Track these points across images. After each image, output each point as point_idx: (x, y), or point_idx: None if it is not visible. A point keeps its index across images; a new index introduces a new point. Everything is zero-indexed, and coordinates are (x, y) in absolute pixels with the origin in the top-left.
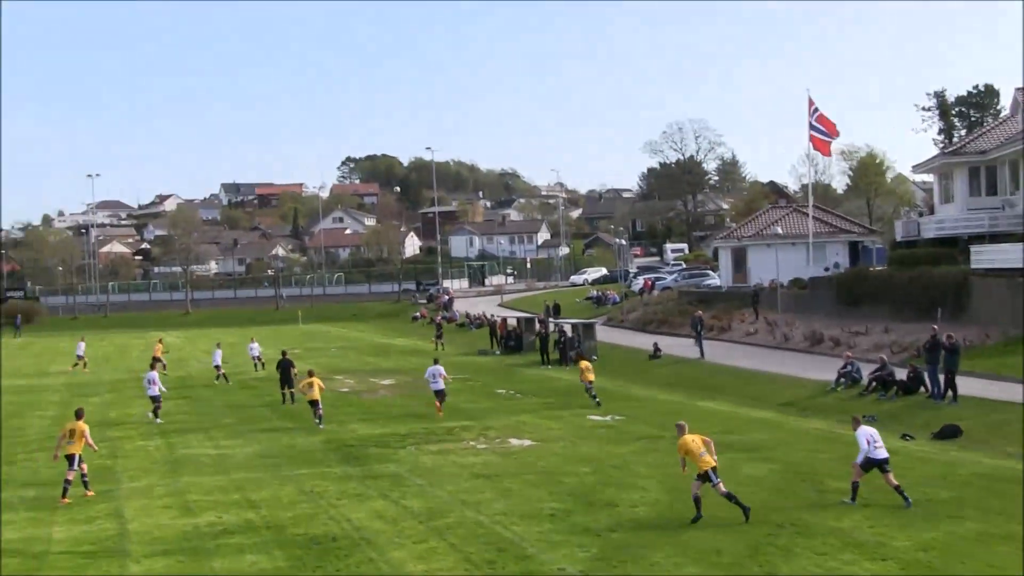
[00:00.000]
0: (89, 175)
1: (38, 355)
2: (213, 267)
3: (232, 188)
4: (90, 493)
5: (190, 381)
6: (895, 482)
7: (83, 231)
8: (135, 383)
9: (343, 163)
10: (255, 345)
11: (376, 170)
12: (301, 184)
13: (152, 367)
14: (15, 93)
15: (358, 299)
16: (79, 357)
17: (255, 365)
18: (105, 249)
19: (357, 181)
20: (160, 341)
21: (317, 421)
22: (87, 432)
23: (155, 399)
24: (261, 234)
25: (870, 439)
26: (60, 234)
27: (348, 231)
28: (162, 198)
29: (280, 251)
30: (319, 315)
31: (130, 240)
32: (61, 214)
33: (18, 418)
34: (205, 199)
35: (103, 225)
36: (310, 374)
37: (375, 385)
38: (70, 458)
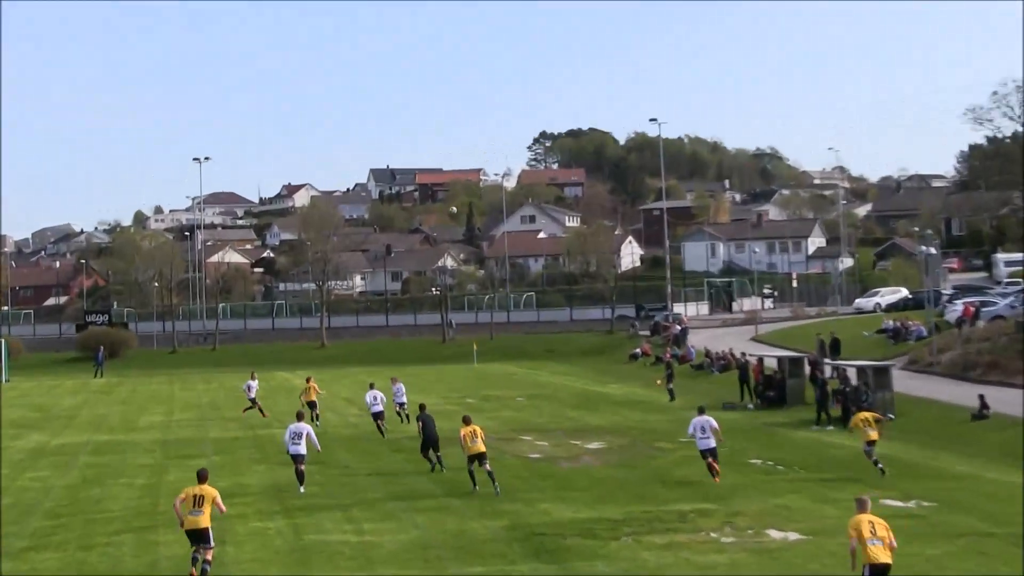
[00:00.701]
0: (196, 159)
1: (126, 401)
2: (358, 283)
3: (384, 176)
4: None
5: (324, 438)
6: None
7: (187, 234)
8: (251, 441)
9: (536, 141)
10: (400, 387)
11: (581, 151)
12: (478, 171)
13: (299, 417)
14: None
15: (555, 329)
16: (252, 401)
17: (400, 416)
18: (215, 258)
19: (555, 166)
20: (310, 380)
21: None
22: (218, 498)
23: (300, 460)
24: (423, 238)
25: None
26: (157, 237)
27: (542, 234)
28: (291, 189)
29: (449, 262)
30: (501, 350)
31: (248, 246)
32: (159, 211)
33: (98, 486)
34: (349, 191)
35: (213, 226)
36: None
37: (578, 450)
38: (196, 535)
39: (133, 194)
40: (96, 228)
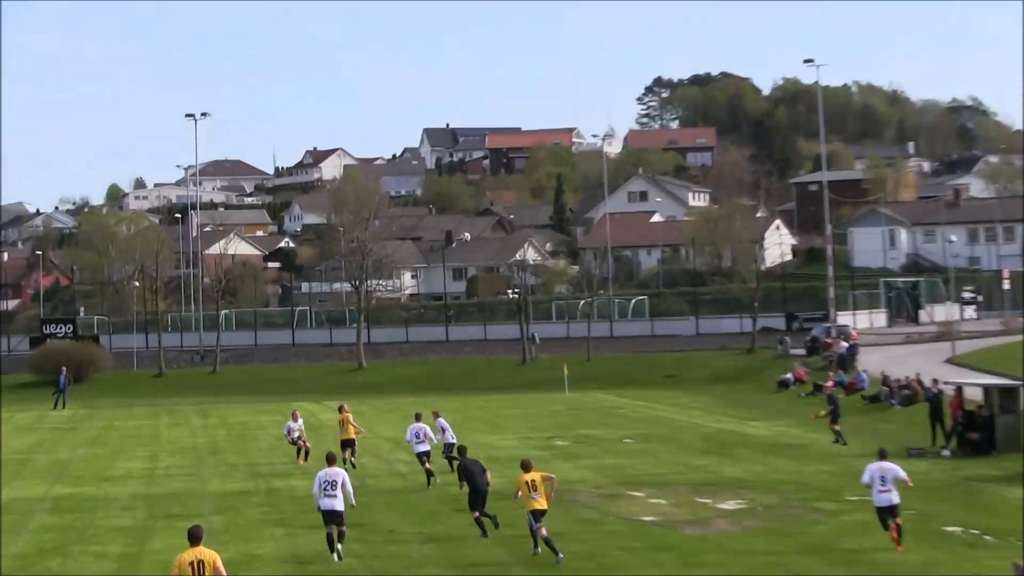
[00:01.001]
0: (191, 115)
1: (96, 441)
2: (408, 284)
3: (443, 138)
4: None
5: (363, 492)
6: None
7: (178, 216)
8: (263, 496)
9: (648, 91)
10: (443, 423)
11: (710, 104)
12: (570, 131)
13: (331, 460)
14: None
15: (676, 346)
16: (297, 442)
17: (451, 463)
18: (215, 248)
19: (674, 124)
20: (342, 410)
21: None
22: (219, 563)
23: (335, 518)
24: (496, 222)
25: None
26: (138, 220)
27: (656, 217)
28: (317, 156)
29: (531, 254)
30: (602, 375)
31: (260, 233)
32: (140, 185)
33: (58, 556)
34: (395, 158)
35: (213, 205)
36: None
37: (708, 511)
38: None
39: (106, 162)
40: (56, 208)
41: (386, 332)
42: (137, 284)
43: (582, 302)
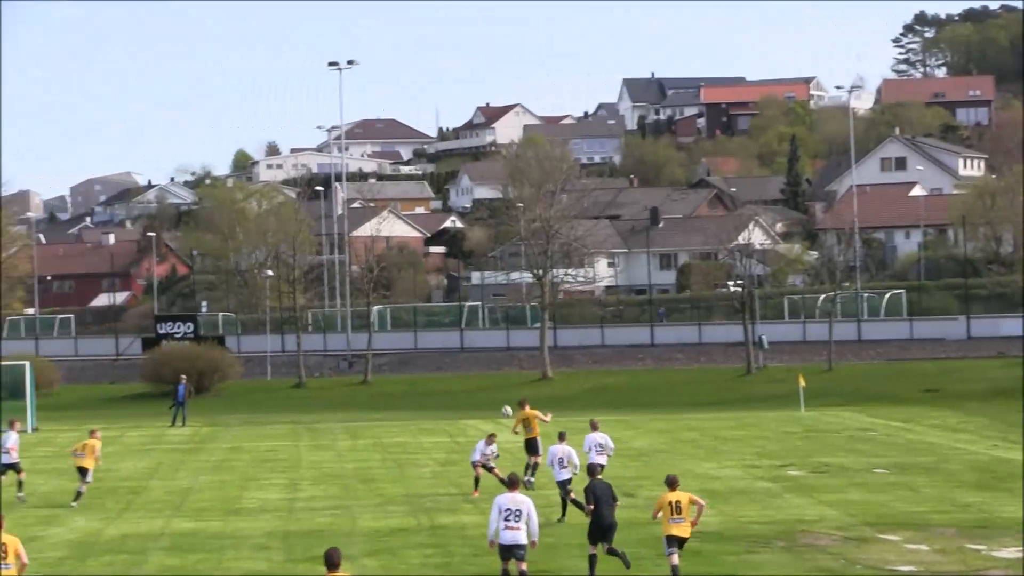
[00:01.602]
0: (334, 64)
1: (223, 466)
2: (604, 273)
3: (647, 91)
4: None
5: (546, 529)
6: None
7: (320, 189)
8: (426, 534)
9: (907, 31)
10: (595, 438)
11: (984, 44)
12: (808, 80)
13: (513, 484)
14: None
15: (940, 352)
16: (487, 469)
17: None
18: (365, 229)
19: (940, 72)
20: (525, 404)
21: None
22: None
23: (516, 553)
24: (713, 195)
25: None
26: (271, 195)
27: (917, 190)
28: (491, 114)
29: (758, 237)
30: (846, 388)
31: (420, 209)
32: (274, 151)
33: None
34: (587, 116)
35: (362, 176)
36: None
37: (982, 560)
38: None
39: (231, 125)
40: (172, 180)
41: (576, 334)
42: (270, 273)
43: (822, 297)
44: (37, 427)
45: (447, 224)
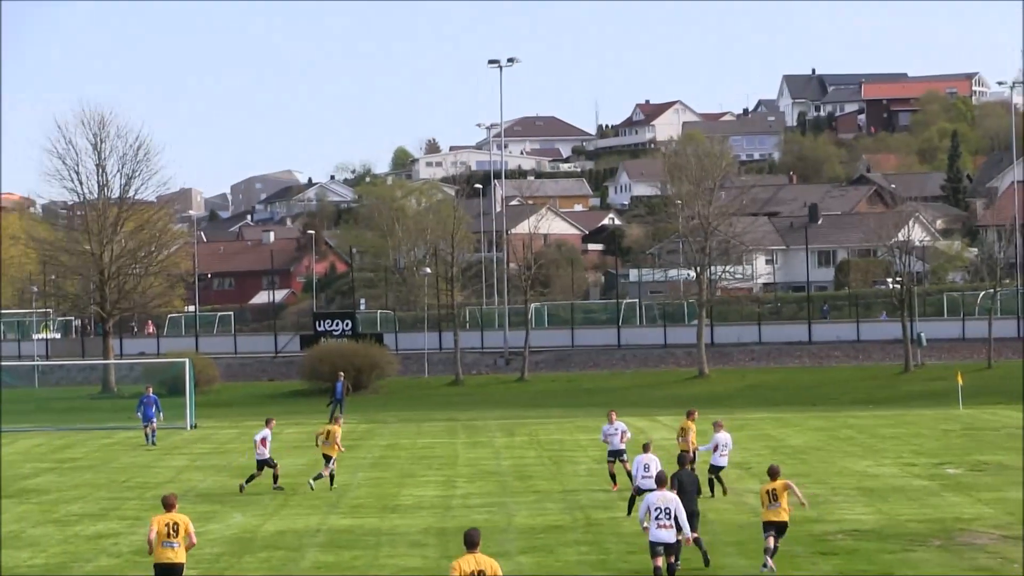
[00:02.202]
0: (495, 62)
1: (379, 463)
2: (762, 271)
3: (808, 87)
4: None
5: (705, 527)
6: None
7: (479, 187)
8: (581, 529)
9: None
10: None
11: None
12: (971, 76)
13: (660, 482)
14: None
15: None
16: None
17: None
18: (523, 227)
19: None
20: (692, 417)
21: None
22: (499, 573)
23: (663, 549)
24: (873, 192)
25: None
26: (430, 192)
27: None
28: (650, 111)
29: (917, 233)
30: (1007, 385)
31: (578, 207)
32: (433, 148)
33: None
34: (746, 113)
35: (521, 173)
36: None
37: None
38: None
39: (392, 122)
40: (332, 178)
41: (734, 331)
42: (429, 271)
43: (982, 294)
44: (196, 424)
45: (605, 221)
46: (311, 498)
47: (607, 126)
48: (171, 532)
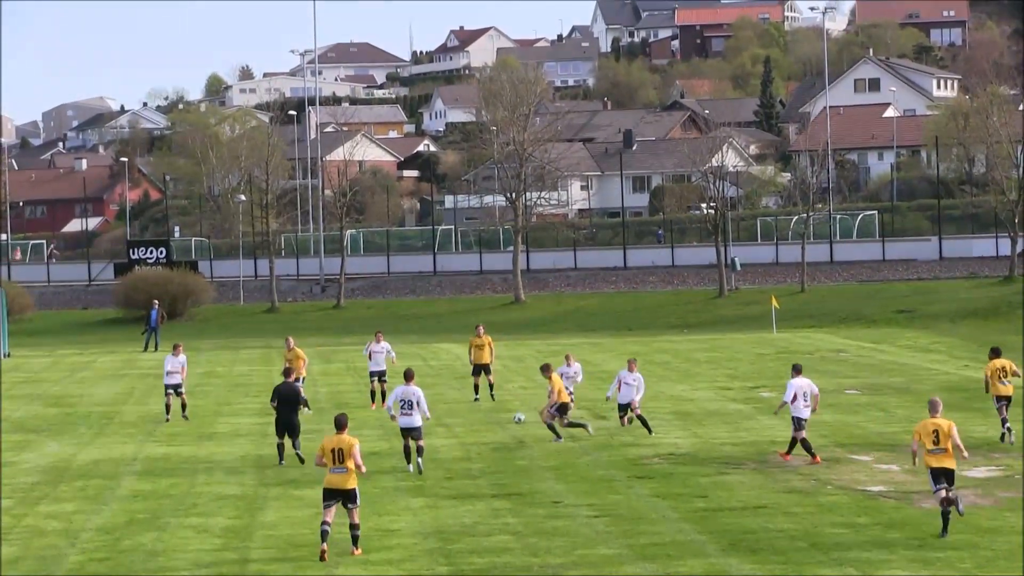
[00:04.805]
0: None
1: (196, 391)
2: (577, 197)
3: (620, 13)
4: None
5: (524, 452)
6: None
7: (292, 113)
8: (401, 458)
9: None
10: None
11: None
12: (783, 1)
13: (408, 377)
14: None
15: (911, 274)
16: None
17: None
18: (338, 153)
19: None
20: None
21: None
22: (356, 450)
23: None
24: (687, 117)
25: None
26: (244, 119)
27: (890, 111)
28: (465, 37)
29: (731, 159)
30: (816, 310)
31: (393, 133)
32: (246, 75)
33: (152, 530)
34: (560, 39)
35: (336, 100)
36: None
37: None
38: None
39: (204, 48)
40: (144, 105)
41: (549, 257)
42: (243, 198)
43: (795, 219)
44: (9, 353)
45: (420, 148)
46: (127, 427)
47: (422, 52)
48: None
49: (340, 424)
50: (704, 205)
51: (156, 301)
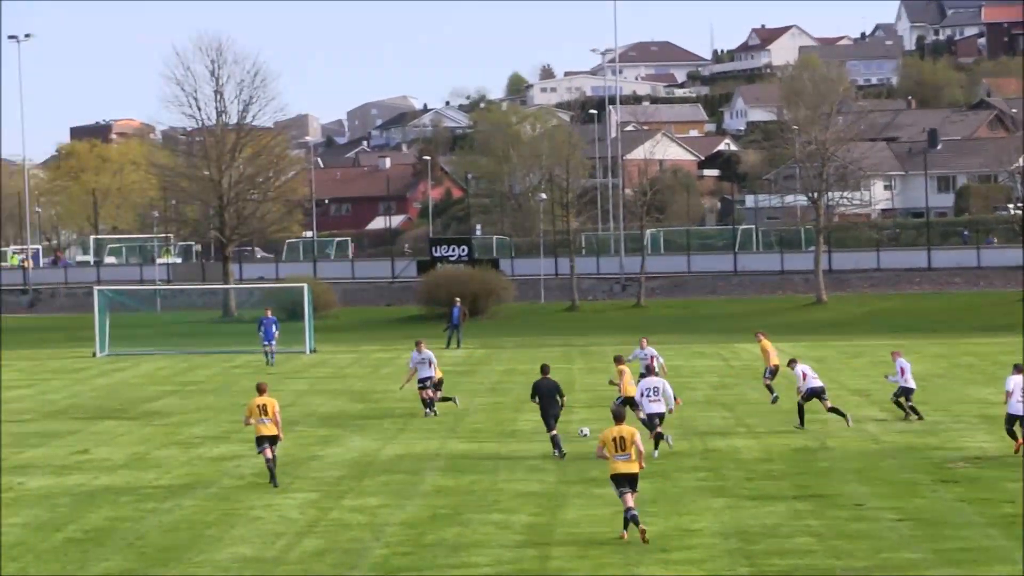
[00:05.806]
0: None
1: (496, 388)
2: (880, 196)
3: (926, 10)
4: None
5: (826, 454)
6: None
7: (593, 112)
8: (703, 457)
9: None
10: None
11: None
12: None
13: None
14: None
15: None
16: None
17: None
18: (638, 153)
19: None
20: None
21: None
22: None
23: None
24: (994, 116)
25: None
26: (545, 118)
27: None
28: (766, 36)
29: None
30: None
31: (694, 132)
32: (548, 74)
33: (455, 525)
34: (864, 37)
35: (636, 99)
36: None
37: None
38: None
39: (507, 47)
40: (447, 104)
41: (852, 257)
42: (544, 197)
43: None
44: (315, 349)
45: (721, 147)
46: (430, 423)
47: (722, 51)
48: (262, 412)
49: (618, 417)
50: (1011, 206)
51: (458, 299)
